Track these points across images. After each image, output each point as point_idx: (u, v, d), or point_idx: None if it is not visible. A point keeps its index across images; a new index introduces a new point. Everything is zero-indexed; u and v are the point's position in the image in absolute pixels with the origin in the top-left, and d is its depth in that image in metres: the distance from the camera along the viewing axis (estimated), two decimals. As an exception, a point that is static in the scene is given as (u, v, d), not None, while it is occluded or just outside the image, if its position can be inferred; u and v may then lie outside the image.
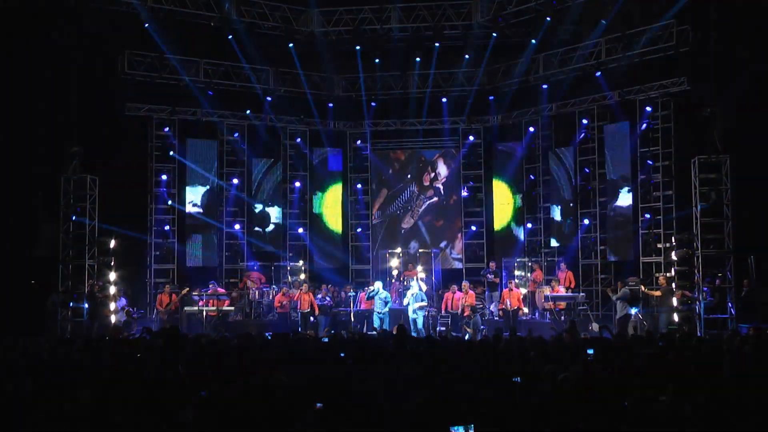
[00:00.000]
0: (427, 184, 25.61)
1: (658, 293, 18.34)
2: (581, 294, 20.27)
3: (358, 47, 22.48)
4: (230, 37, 21.23)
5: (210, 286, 20.69)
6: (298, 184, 24.85)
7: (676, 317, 17.63)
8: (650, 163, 20.29)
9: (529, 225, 23.97)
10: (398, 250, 23.53)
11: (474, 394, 7.10)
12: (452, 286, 20.65)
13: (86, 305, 18.56)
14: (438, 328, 19.90)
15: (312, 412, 6.07)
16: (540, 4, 20.43)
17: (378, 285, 20.16)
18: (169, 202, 22.59)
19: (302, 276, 22.85)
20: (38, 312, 18.31)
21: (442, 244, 25.30)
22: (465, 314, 19.26)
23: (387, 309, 19.68)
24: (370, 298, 19.90)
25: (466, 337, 18.00)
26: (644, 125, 20.46)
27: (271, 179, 24.72)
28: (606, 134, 21.69)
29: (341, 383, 7.13)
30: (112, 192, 19.87)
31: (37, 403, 6.45)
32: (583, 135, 22.16)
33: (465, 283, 20.14)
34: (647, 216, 20.24)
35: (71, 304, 18.47)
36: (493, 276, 21.92)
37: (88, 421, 6.69)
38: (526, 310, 20.53)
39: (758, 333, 13.00)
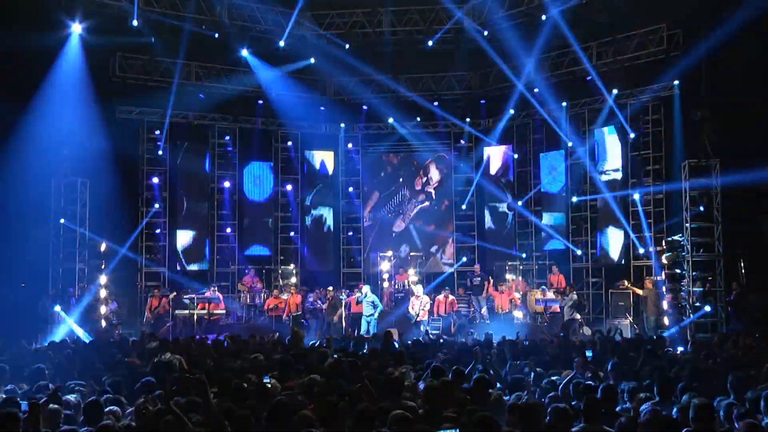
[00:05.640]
0: (419, 188, 25.63)
1: (641, 292, 18.45)
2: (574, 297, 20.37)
3: (349, 50, 22.45)
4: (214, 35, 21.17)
5: (212, 288, 20.71)
6: (289, 187, 24.82)
7: (666, 320, 17.70)
8: (641, 166, 20.38)
9: (520, 228, 24.03)
10: (389, 253, 23.52)
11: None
12: (444, 290, 20.75)
13: (77, 308, 18.51)
14: (431, 332, 19.89)
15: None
16: (532, 8, 20.50)
17: (366, 289, 20.06)
18: (156, 206, 22.43)
19: (293, 279, 22.83)
20: (29, 315, 18.21)
21: (433, 249, 25.30)
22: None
23: (377, 312, 19.57)
24: (360, 302, 19.90)
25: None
26: (634, 129, 20.53)
27: (262, 182, 24.72)
28: (597, 137, 21.76)
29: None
30: (104, 195, 19.82)
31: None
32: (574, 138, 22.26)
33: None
34: (637, 219, 20.30)
35: (61, 307, 18.39)
36: (479, 279, 21.91)
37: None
38: (518, 314, 20.50)
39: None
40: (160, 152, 22.53)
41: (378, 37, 22.52)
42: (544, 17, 20.11)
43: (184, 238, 23.12)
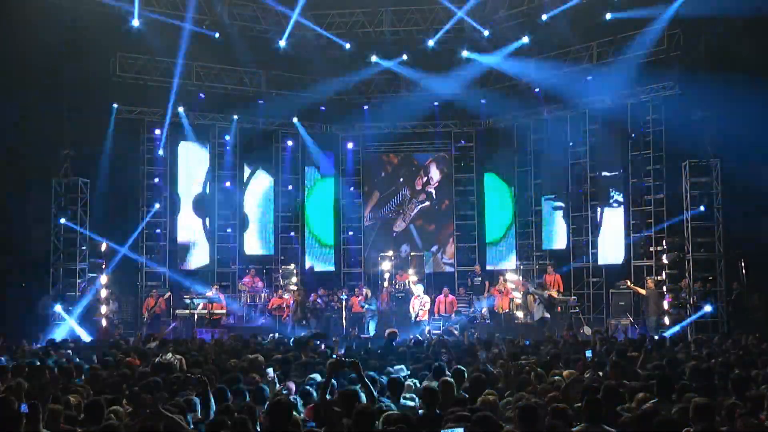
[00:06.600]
0: (419, 188, 25.59)
1: (643, 291, 18.46)
2: (573, 297, 20.39)
3: (349, 50, 22.42)
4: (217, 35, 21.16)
5: (214, 288, 20.73)
6: (290, 187, 24.81)
7: (666, 321, 17.71)
8: (641, 166, 20.36)
9: (521, 228, 24.01)
10: (390, 253, 23.50)
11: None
12: (444, 289, 20.74)
13: (77, 308, 18.54)
14: (431, 332, 19.90)
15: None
16: (531, 8, 20.49)
17: (368, 293, 20.40)
18: (157, 205, 22.40)
19: (294, 279, 22.83)
20: (30, 314, 18.26)
21: (434, 248, 25.27)
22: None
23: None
24: (363, 306, 20.10)
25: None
26: (634, 129, 20.52)
27: (262, 182, 24.70)
28: (596, 137, 21.75)
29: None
30: (104, 195, 19.84)
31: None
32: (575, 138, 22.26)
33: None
34: (638, 219, 20.29)
35: (62, 307, 18.42)
36: (479, 279, 21.89)
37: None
38: (519, 314, 20.48)
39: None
40: (161, 152, 22.52)
41: (378, 37, 22.48)
42: (544, 17, 20.10)
43: (184, 237, 23.09)
